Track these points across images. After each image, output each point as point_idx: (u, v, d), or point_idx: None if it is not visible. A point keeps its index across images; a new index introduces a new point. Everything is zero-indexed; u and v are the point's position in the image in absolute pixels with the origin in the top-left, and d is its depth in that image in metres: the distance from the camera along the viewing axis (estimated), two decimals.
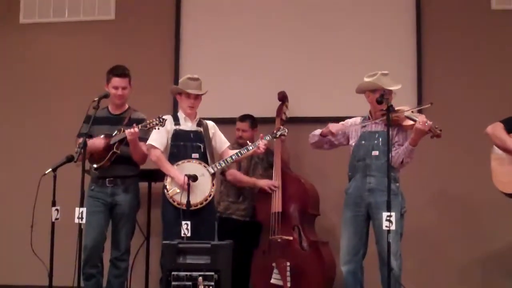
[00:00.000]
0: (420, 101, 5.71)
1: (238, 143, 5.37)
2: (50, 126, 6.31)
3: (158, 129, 4.58)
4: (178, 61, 6.29)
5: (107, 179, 4.82)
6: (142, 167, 5.06)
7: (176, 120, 4.85)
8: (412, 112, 4.59)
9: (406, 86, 5.67)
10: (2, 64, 6.65)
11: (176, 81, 6.20)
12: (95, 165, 4.78)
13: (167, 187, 4.70)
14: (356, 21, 6.05)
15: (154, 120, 4.56)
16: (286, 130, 4.87)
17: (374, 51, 5.93)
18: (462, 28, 5.91)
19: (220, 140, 4.92)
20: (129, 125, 4.81)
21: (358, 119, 4.80)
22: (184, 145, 4.77)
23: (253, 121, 5.60)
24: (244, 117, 5.57)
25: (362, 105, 4.83)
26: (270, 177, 5.43)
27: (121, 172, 4.83)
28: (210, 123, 4.96)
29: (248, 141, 4.88)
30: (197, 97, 4.85)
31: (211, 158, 4.80)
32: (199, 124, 4.88)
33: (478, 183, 5.60)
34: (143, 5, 6.47)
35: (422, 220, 5.60)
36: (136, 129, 4.58)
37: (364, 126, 4.69)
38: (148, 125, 4.56)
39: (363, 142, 4.62)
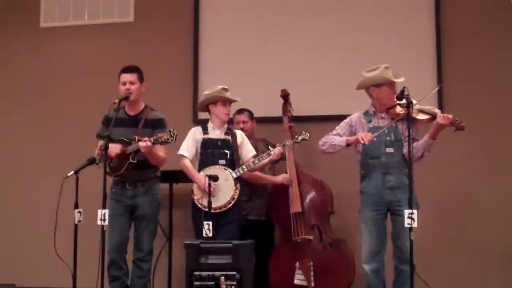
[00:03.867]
0: (440, 96, 5.66)
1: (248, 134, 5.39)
2: (72, 129, 6.36)
3: (170, 143, 4.62)
4: (197, 62, 6.30)
5: (127, 183, 4.86)
6: (164, 168, 5.09)
7: (205, 130, 5.03)
8: (422, 101, 4.52)
9: (425, 79, 5.70)
10: (24, 68, 6.71)
11: (195, 82, 6.26)
12: (113, 175, 4.81)
13: (194, 191, 4.88)
14: (367, 16, 6.01)
15: (166, 134, 4.59)
16: (308, 134, 4.97)
17: (386, 44, 5.90)
18: (482, 21, 5.83)
19: (247, 149, 5.07)
20: (146, 127, 4.86)
21: (360, 114, 4.78)
22: (212, 152, 4.94)
23: (251, 112, 5.66)
24: (241, 110, 5.62)
25: (368, 102, 4.83)
26: (276, 173, 5.52)
27: (141, 177, 4.86)
28: (239, 132, 5.13)
29: (270, 147, 4.97)
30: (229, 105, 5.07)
31: (238, 165, 4.93)
32: (227, 132, 5.04)
33: (494, 182, 5.61)
34: (162, 7, 6.49)
35: (433, 217, 5.55)
36: (149, 143, 4.60)
37: (371, 122, 4.67)
38: (160, 139, 4.59)
39: (374, 139, 4.57)
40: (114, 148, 4.70)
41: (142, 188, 4.87)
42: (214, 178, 4.65)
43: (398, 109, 4.50)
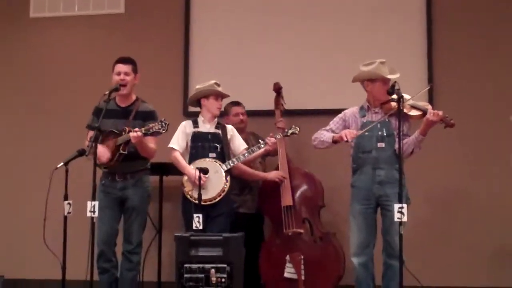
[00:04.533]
0: (431, 93, 5.67)
1: (240, 129, 5.38)
2: (61, 120, 6.33)
3: (161, 133, 4.62)
4: (187, 54, 6.29)
5: (116, 174, 4.84)
6: (154, 160, 5.08)
7: (195, 124, 5.05)
8: (412, 99, 4.54)
9: (416, 75, 5.72)
10: (13, 58, 6.66)
11: (186, 75, 6.24)
12: (103, 166, 4.79)
13: (184, 184, 4.89)
14: (358, 12, 6.03)
15: (157, 124, 4.58)
16: (298, 128, 5.05)
17: (377, 39, 5.92)
18: (474, 16, 5.86)
19: (238, 142, 5.08)
20: (136, 118, 4.84)
21: (355, 109, 4.77)
22: (202, 146, 4.95)
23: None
24: (238, 102, 5.60)
25: (362, 97, 4.82)
26: (265, 167, 5.55)
27: (130, 168, 4.84)
28: (229, 126, 5.14)
29: (260, 140, 5.01)
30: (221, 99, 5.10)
31: (228, 157, 4.94)
32: (217, 126, 5.05)
33: (484, 178, 5.65)
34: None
35: (424, 213, 5.60)
36: (139, 133, 4.58)
37: (364, 116, 4.67)
38: (151, 129, 4.58)
39: (366, 133, 4.59)
40: (104, 153, 4.70)
41: (131, 180, 4.85)
42: (204, 171, 4.66)
43: (393, 105, 4.49)
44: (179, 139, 4.97)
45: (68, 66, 6.51)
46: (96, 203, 4.25)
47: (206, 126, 5.03)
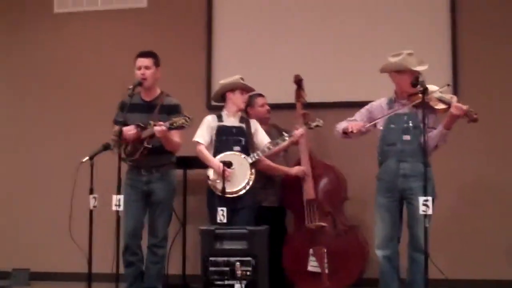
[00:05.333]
0: (455, 83, 5.62)
1: (263, 120, 5.40)
2: (87, 114, 6.37)
3: (185, 127, 4.63)
4: (210, 48, 6.29)
5: (142, 169, 4.86)
6: (178, 154, 5.10)
7: (219, 118, 5.06)
8: (441, 92, 4.51)
9: (440, 67, 5.65)
10: (38, 54, 6.72)
11: (209, 68, 6.25)
12: (128, 160, 4.81)
13: (210, 177, 4.88)
14: (381, 3, 6.00)
15: (181, 118, 4.59)
16: (321, 121, 5.05)
17: (401, 30, 5.87)
18: (499, 8, 5.80)
19: (261, 136, 5.08)
20: (161, 112, 4.85)
21: (383, 101, 4.72)
22: (226, 139, 4.97)
23: None
24: (261, 94, 5.55)
25: (385, 88, 4.76)
26: (288, 158, 5.54)
27: (155, 162, 4.86)
28: (253, 121, 5.16)
29: (284, 132, 5.01)
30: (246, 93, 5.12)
31: (252, 150, 4.95)
32: (241, 120, 5.07)
33: (509, 171, 5.58)
34: None
35: (450, 206, 5.55)
36: (164, 127, 4.60)
37: (392, 108, 4.62)
38: (175, 124, 4.59)
39: (392, 126, 4.55)
40: (129, 130, 4.71)
41: (157, 174, 4.87)
42: (228, 164, 4.69)
43: (420, 97, 4.44)
44: (204, 133, 4.99)
45: (92, 61, 6.56)
46: (121, 197, 4.28)
47: (231, 120, 5.04)
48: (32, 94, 6.68)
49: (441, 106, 4.49)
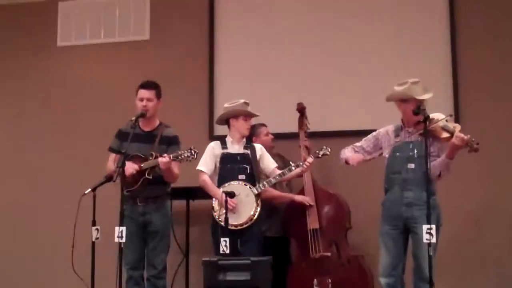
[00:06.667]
0: (457, 108, 5.63)
1: (271, 147, 5.41)
2: (89, 146, 6.38)
3: (190, 161, 4.62)
4: (212, 78, 6.34)
5: (138, 199, 4.82)
6: (180, 185, 5.09)
7: (224, 145, 5.00)
8: (447, 121, 4.51)
9: (441, 93, 5.64)
10: (41, 85, 6.78)
11: (211, 99, 6.28)
12: (125, 190, 4.72)
13: (214, 208, 4.84)
14: (385, 28, 6.03)
15: (186, 151, 4.58)
16: (329, 149, 4.90)
17: (404, 58, 5.90)
18: (499, 30, 5.82)
19: (267, 161, 5.03)
20: (161, 143, 4.84)
21: (390, 128, 4.73)
22: (231, 168, 4.90)
23: None
24: (263, 123, 5.56)
25: (390, 117, 4.78)
26: (291, 187, 5.54)
27: (152, 193, 4.82)
28: (258, 146, 5.09)
29: (291, 162, 4.95)
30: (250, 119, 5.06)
31: (258, 179, 4.90)
32: (246, 147, 5.01)
33: None
34: (177, 25, 6.54)
35: (462, 234, 5.53)
36: (168, 159, 4.60)
37: (398, 136, 4.63)
38: (180, 157, 4.59)
39: (397, 154, 4.55)
40: (131, 167, 4.69)
41: (153, 205, 4.82)
42: (231, 195, 4.62)
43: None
44: (207, 161, 4.93)
45: (95, 92, 6.62)
46: (124, 228, 4.24)
47: (235, 147, 4.98)
48: (35, 125, 6.73)
49: (445, 135, 4.48)
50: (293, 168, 4.86)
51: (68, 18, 6.80)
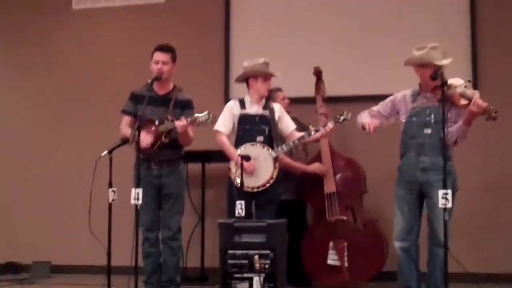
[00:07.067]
0: (475, 75, 5.57)
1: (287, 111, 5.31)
2: (104, 109, 6.40)
3: (208, 125, 4.61)
4: (228, 43, 6.32)
5: (152, 162, 4.83)
6: (196, 148, 5.10)
7: (242, 105, 4.92)
8: (466, 86, 4.45)
9: (460, 59, 5.57)
10: (56, 50, 6.79)
11: (226, 63, 6.25)
12: (142, 153, 4.71)
13: (232, 170, 4.79)
14: None
15: (204, 115, 4.56)
16: (350, 114, 4.75)
17: (422, 22, 5.84)
18: None
19: (286, 122, 4.96)
20: (175, 107, 4.84)
21: (408, 93, 4.68)
22: (250, 129, 4.84)
23: None
24: (279, 88, 5.48)
25: (407, 81, 4.70)
26: (307, 151, 5.53)
27: (167, 156, 4.83)
28: (277, 106, 5.00)
29: (311, 126, 4.84)
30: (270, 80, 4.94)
31: (276, 141, 4.83)
32: (265, 107, 4.92)
33: None
34: None
35: (476, 200, 5.53)
36: (185, 122, 4.60)
37: (415, 101, 4.59)
38: (197, 120, 4.58)
39: (414, 118, 4.51)
40: (146, 138, 4.69)
41: (167, 169, 4.84)
42: (246, 158, 4.58)
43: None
44: (225, 121, 4.86)
45: (110, 56, 6.63)
46: (140, 190, 4.26)
47: (254, 107, 4.90)
48: (50, 89, 6.76)
49: (463, 101, 4.42)
50: (313, 132, 4.76)
51: None
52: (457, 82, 4.38)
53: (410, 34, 5.69)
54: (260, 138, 4.80)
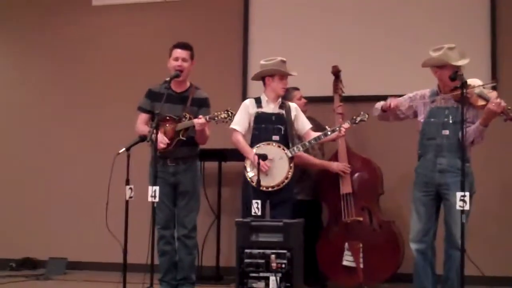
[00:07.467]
0: (494, 75, 5.53)
1: (303, 111, 5.29)
2: (123, 105, 6.36)
3: (227, 122, 4.63)
4: (246, 40, 6.31)
5: (168, 159, 4.84)
6: (212, 146, 5.11)
7: (259, 103, 4.90)
8: (484, 87, 4.42)
9: (479, 59, 5.56)
10: (76, 46, 6.82)
11: (245, 61, 6.25)
12: (159, 150, 4.72)
13: (247, 168, 4.78)
14: None
15: (223, 112, 4.58)
16: (367, 115, 4.77)
17: (440, 23, 5.81)
18: None
19: (302, 122, 4.95)
20: (192, 105, 4.84)
21: (427, 92, 4.66)
22: (266, 128, 4.82)
23: None
24: (296, 87, 5.46)
25: (425, 83, 4.70)
26: (324, 151, 5.51)
27: (183, 154, 4.84)
28: (293, 105, 4.98)
29: (327, 127, 4.86)
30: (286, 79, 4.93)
31: (292, 140, 4.81)
32: (281, 106, 4.91)
33: None
34: None
35: (494, 202, 5.50)
36: (204, 120, 4.60)
37: (434, 101, 4.56)
38: (216, 118, 4.58)
39: (432, 119, 4.49)
40: (162, 139, 4.69)
41: (183, 166, 4.85)
42: (263, 157, 4.58)
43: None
44: (241, 120, 4.84)
45: (129, 52, 6.64)
46: (157, 188, 4.26)
47: (270, 106, 4.88)
48: (72, 86, 6.80)
49: (480, 102, 4.39)
50: (329, 133, 4.76)
51: None
52: (476, 82, 4.35)
53: (428, 33, 5.66)
54: (276, 137, 4.78)
